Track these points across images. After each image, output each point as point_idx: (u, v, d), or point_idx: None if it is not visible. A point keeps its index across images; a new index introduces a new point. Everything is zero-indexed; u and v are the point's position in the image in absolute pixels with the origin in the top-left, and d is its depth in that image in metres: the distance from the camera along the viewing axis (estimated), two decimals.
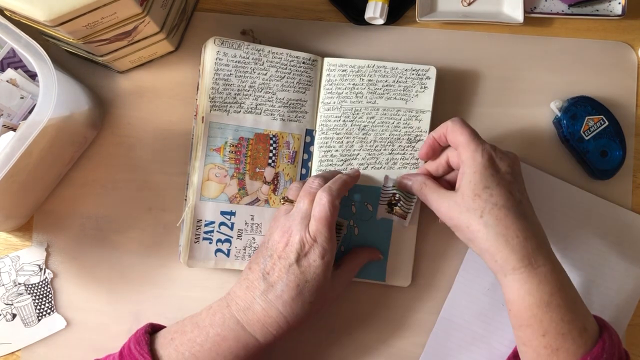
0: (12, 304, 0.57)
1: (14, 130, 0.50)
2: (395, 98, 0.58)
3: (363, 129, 0.58)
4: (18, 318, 0.57)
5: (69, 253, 0.58)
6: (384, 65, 0.58)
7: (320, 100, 0.58)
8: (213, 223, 0.55)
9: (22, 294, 0.57)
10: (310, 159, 0.58)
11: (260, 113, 0.57)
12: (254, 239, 0.56)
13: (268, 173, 0.57)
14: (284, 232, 0.50)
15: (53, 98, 0.46)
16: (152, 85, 0.60)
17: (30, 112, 0.47)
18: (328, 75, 0.58)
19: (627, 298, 0.58)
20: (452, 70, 0.61)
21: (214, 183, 0.55)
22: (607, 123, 0.58)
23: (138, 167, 0.59)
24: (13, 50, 0.55)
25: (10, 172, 0.44)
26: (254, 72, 0.56)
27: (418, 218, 0.58)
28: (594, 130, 0.58)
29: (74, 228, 0.58)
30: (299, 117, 0.58)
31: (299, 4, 0.61)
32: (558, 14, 0.61)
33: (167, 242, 0.58)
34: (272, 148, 0.57)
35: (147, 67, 0.60)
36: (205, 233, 0.55)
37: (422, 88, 0.58)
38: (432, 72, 0.58)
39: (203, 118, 0.55)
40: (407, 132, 0.58)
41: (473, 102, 0.61)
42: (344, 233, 0.57)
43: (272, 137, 0.57)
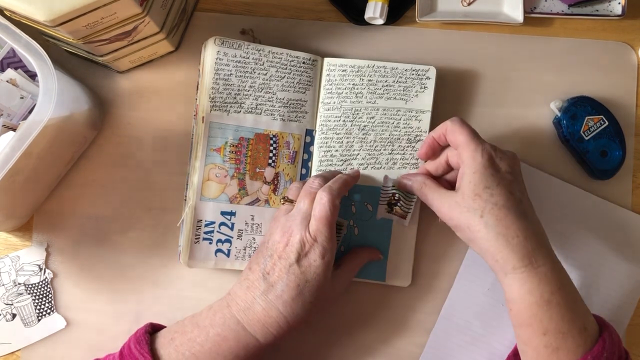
0: (12, 304, 0.57)
1: (14, 130, 0.50)
2: (395, 98, 0.58)
3: (363, 129, 0.58)
4: (18, 318, 0.57)
5: (69, 253, 0.58)
6: (384, 66, 0.58)
7: (320, 100, 0.58)
8: (213, 223, 0.55)
9: (22, 294, 0.57)
10: (310, 159, 0.58)
11: (261, 113, 0.57)
12: (254, 239, 0.56)
13: (268, 173, 0.57)
14: (284, 232, 0.49)
15: (53, 98, 0.46)
16: (152, 85, 0.60)
17: (30, 112, 0.47)
18: (328, 75, 0.58)
19: (627, 298, 0.58)
20: (452, 70, 0.61)
21: (214, 183, 0.55)
22: (607, 123, 0.58)
23: (138, 167, 0.59)
24: (13, 50, 0.55)
25: (10, 172, 0.44)
26: (254, 72, 0.56)
27: (418, 218, 0.58)
28: (594, 131, 0.58)
29: (74, 228, 0.58)
30: (299, 117, 0.58)
31: (299, 4, 0.61)
32: (558, 14, 0.61)
33: (167, 242, 0.58)
34: (272, 148, 0.57)
35: (147, 67, 0.60)
36: (206, 233, 0.55)
37: (422, 88, 0.58)
38: (432, 72, 0.58)
39: (203, 118, 0.55)
40: (407, 132, 0.58)
41: (473, 102, 0.61)
42: (344, 233, 0.57)
43: (272, 137, 0.57)
